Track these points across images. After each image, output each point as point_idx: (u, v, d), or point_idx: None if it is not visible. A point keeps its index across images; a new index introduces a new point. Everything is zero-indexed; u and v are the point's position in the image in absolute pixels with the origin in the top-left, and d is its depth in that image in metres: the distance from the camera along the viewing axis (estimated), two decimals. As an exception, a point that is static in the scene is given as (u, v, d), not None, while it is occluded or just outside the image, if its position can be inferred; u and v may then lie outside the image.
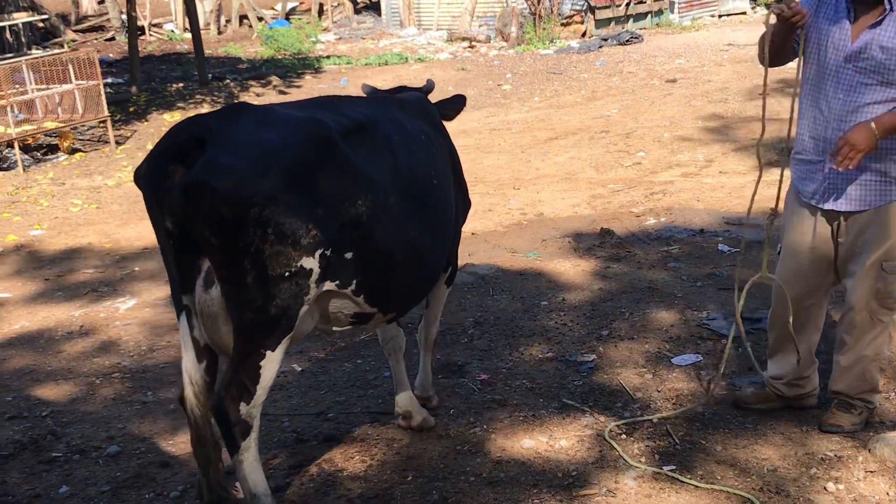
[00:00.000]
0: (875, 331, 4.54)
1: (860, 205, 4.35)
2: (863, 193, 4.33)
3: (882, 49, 4.14)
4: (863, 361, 4.59)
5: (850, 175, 4.30)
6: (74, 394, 5.72)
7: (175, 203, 3.45)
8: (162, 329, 6.74)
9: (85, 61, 13.73)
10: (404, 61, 20.11)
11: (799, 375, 4.83)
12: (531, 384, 5.42)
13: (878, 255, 4.37)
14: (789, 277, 4.64)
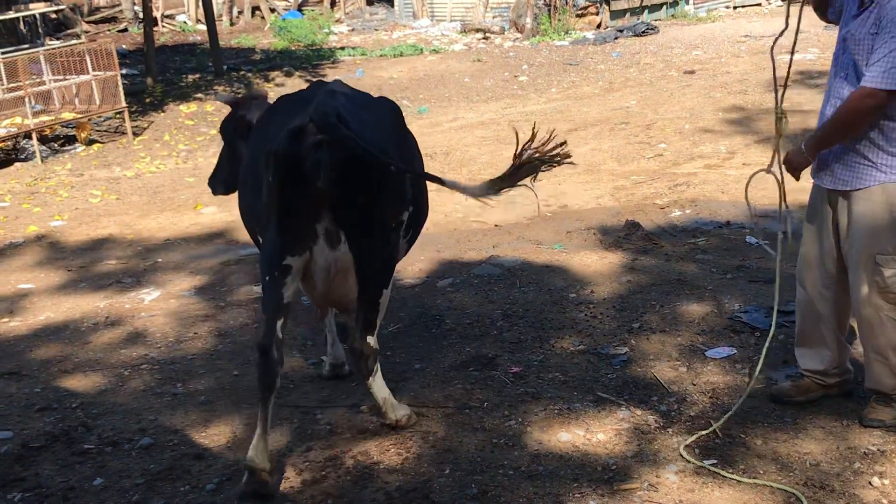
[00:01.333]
0: (885, 327, 4.45)
1: (842, 184, 4.35)
2: (845, 173, 4.34)
3: (854, 40, 4.19)
4: (882, 357, 4.52)
5: (837, 153, 4.34)
6: (103, 385, 5.69)
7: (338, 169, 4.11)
8: (188, 320, 6.70)
9: (102, 52, 13.70)
10: (419, 52, 20.04)
11: (834, 364, 4.77)
12: (564, 377, 5.37)
13: (867, 245, 4.34)
14: (806, 263, 4.66)
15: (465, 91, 15.77)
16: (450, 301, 6.71)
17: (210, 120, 14.94)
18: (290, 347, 6.09)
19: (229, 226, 9.13)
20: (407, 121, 13.47)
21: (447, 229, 8.57)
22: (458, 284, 7.03)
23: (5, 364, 6.10)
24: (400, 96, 15.62)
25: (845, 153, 4.32)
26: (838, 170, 4.36)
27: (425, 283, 7.12)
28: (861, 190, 4.31)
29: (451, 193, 9.61)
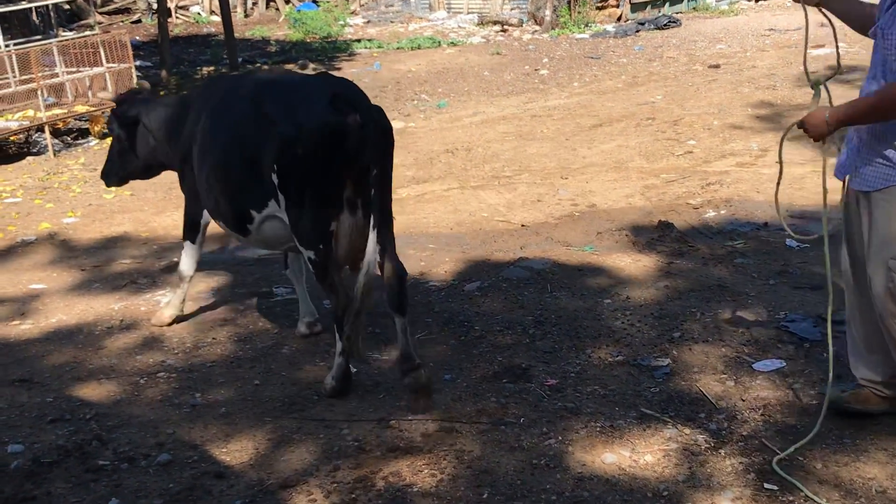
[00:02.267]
0: None
1: (865, 185, 4.15)
2: (868, 174, 4.14)
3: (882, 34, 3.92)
4: None
5: (862, 151, 4.16)
6: (119, 394, 5.42)
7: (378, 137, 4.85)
8: (206, 325, 6.44)
9: (116, 43, 13.45)
10: (437, 45, 19.74)
11: (891, 374, 4.48)
12: (604, 390, 5.09)
13: (881, 248, 4.11)
14: (852, 266, 4.42)
15: (485, 85, 15.46)
16: (478, 306, 6.43)
17: (225, 113, 14.68)
18: (313, 355, 5.83)
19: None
20: (427, 115, 13.24)
21: (472, 229, 8.29)
22: (486, 288, 6.75)
23: (16, 370, 5.84)
24: (418, 90, 15.33)
25: (870, 153, 4.12)
26: (863, 169, 4.16)
27: (452, 287, 6.84)
28: (880, 191, 4.11)
29: (474, 191, 9.37)
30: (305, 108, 4.92)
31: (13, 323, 6.69)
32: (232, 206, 5.44)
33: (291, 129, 4.87)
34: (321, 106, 4.85)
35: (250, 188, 5.21)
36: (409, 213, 8.88)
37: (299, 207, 4.98)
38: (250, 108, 5.19)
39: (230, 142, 5.30)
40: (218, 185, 5.44)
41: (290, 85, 5.27)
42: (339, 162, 4.82)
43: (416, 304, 6.54)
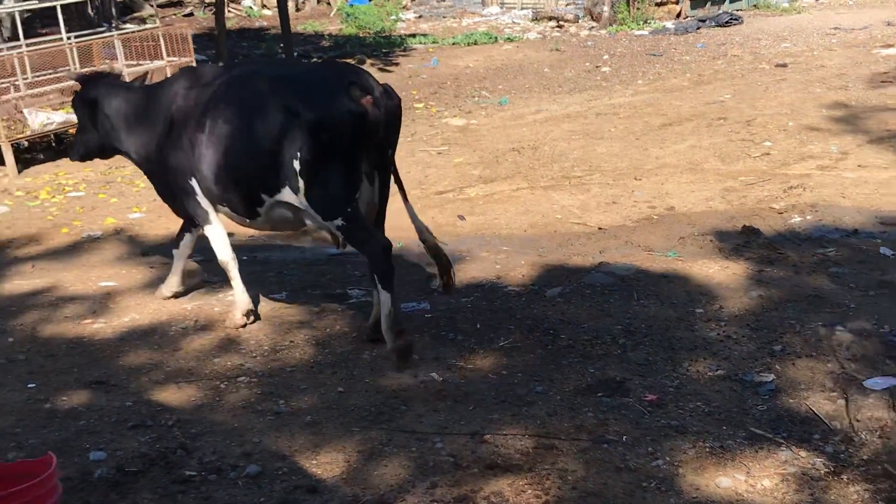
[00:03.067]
0: None
1: None
2: None
3: None
4: None
5: None
6: (199, 399, 5.27)
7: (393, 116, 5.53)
8: (282, 326, 6.27)
9: (177, 37, 13.36)
10: (493, 41, 19.48)
11: None
12: (707, 407, 4.85)
13: None
14: None
15: (546, 82, 15.20)
16: (562, 313, 6.21)
17: (284, 108, 14.55)
18: (396, 362, 5.64)
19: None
20: (489, 112, 13.01)
21: (546, 231, 8.06)
22: (568, 294, 6.52)
23: (93, 372, 5.71)
24: (478, 86, 15.11)
25: None
26: None
27: (532, 292, 6.62)
28: None
29: (544, 191, 9.13)
30: (326, 98, 5.36)
31: (86, 321, 6.57)
32: (244, 191, 5.70)
33: (316, 119, 5.31)
34: (340, 95, 5.32)
35: (266, 174, 5.52)
36: (478, 213, 8.66)
37: (324, 187, 5.42)
38: (266, 100, 5.47)
39: (245, 133, 5.53)
40: (228, 174, 5.68)
41: (305, 77, 5.71)
42: (360, 142, 5.37)
43: (496, 309, 6.35)
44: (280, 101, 5.42)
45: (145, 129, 6.24)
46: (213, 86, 5.84)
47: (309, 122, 5.30)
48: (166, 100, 6.08)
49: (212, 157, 5.73)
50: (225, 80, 5.86)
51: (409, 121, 13.11)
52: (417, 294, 6.72)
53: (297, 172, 5.38)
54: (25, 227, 9.11)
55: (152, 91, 6.35)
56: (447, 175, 10.06)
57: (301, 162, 5.35)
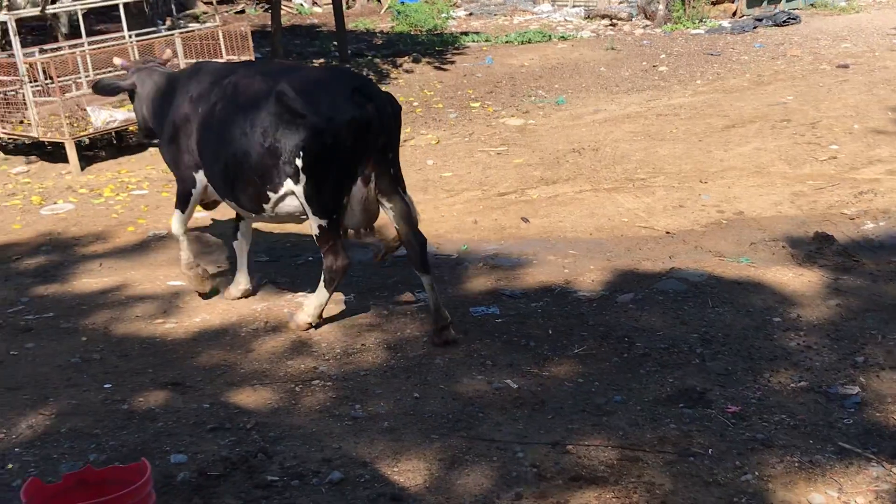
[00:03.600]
0: None
1: None
2: None
3: None
4: None
5: None
6: (275, 402, 5.27)
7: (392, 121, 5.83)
8: (353, 329, 6.26)
9: (237, 34, 13.41)
10: (547, 39, 19.35)
11: None
12: (793, 420, 4.75)
13: None
14: None
15: (603, 81, 15.06)
16: (635, 320, 6.14)
17: (341, 107, 14.55)
18: (469, 367, 5.61)
19: (377, 223, 8.65)
20: (546, 112, 12.89)
21: (613, 235, 7.97)
22: (641, 301, 6.44)
23: (167, 372, 5.74)
24: (534, 85, 15.01)
25: None
26: None
27: (603, 298, 6.55)
28: None
29: (608, 194, 9.04)
30: (331, 102, 5.65)
31: (157, 321, 6.61)
32: (251, 188, 6.01)
33: (321, 122, 5.60)
34: (345, 100, 5.63)
35: (270, 172, 5.84)
36: (542, 216, 8.59)
37: (320, 185, 5.75)
38: (272, 102, 5.75)
39: (250, 132, 5.85)
40: (236, 171, 6.00)
41: (312, 80, 5.90)
42: (360, 145, 5.68)
43: (567, 315, 6.29)
44: (283, 103, 5.71)
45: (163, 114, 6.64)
46: (222, 85, 6.17)
47: (314, 124, 5.62)
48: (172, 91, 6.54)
49: (216, 155, 6.11)
50: (233, 80, 6.15)
51: (466, 120, 13.08)
52: (486, 299, 6.68)
53: (299, 169, 5.73)
54: (91, 224, 9.19)
55: (170, 82, 6.70)
56: (508, 176, 10.00)
57: (303, 160, 5.69)
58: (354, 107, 5.61)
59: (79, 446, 4.85)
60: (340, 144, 5.63)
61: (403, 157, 11.25)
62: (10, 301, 7.16)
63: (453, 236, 8.19)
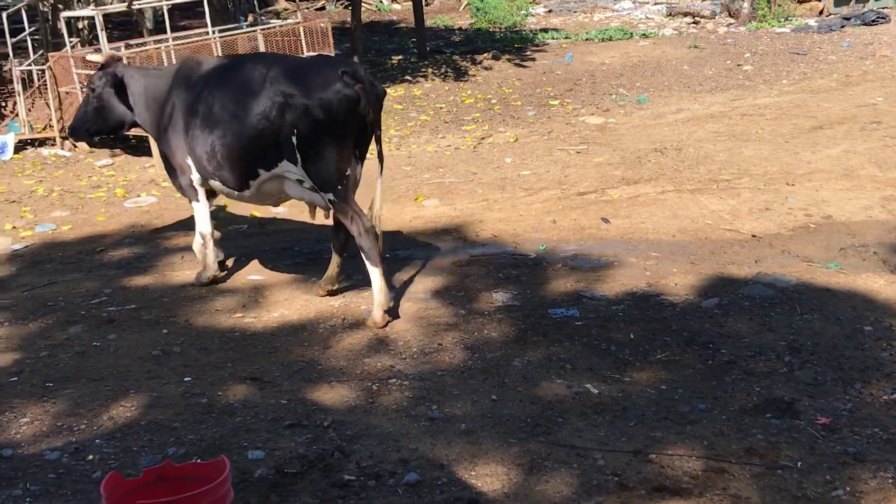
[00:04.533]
0: None
1: None
2: None
3: None
4: None
5: None
6: (352, 400, 5.25)
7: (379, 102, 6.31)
8: (430, 329, 6.21)
9: (317, 31, 13.49)
10: (628, 37, 19.10)
11: None
12: (885, 434, 4.57)
13: None
14: None
15: (686, 80, 14.79)
16: (720, 326, 5.97)
17: (419, 105, 14.55)
18: (548, 370, 5.52)
19: (454, 221, 8.62)
20: (627, 111, 12.68)
21: (696, 237, 7.78)
22: (726, 306, 6.27)
23: (246, 367, 5.76)
24: (615, 83, 14.82)
25: None
26: None
27: (687, 302, 6.39)
28: None
29: (692, 195, 8.85)
30: (322, 83, 6.11)
31: (237, 315, 6.65)
32: (239, 167, 6.44)
33: (313, 102, 6.08)
34: (334, 80, 6.10)
35: (264, 152, 6.30)
36: (623, 216, 8.44)
37: (320, 161, 6.19)
38: (265, 86, 6.21)
39: (244, 116, 6.26)
40: (225, 151, 6.42)
41: (303, 65, 6.38)
42: (351, 121, 6.17)
43: (649, 319, 6.15)
44: (276, 87, 6.19)
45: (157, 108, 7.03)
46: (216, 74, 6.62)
47: (308, 103, 6.09)
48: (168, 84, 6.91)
49: (204, 137, 6.51)
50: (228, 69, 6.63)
51: (545, 118, 12.95)
52: (565, 300, 6.57)
53: (295, 147, 6.17)
54: (173, 218, 9.32)
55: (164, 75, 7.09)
56: (588, 175, 9.86)
57: (298, 138, 6.14)
58: (343, 85, 6.10)
59: (158, 439, 4.89)
60: (333, 120, 6.10)
61: (481, 154, 11.25)
62: (94, 292, 7.28)
63: (531, 236, 8.08)
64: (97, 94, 7.15)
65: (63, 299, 7.16)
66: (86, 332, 6.47)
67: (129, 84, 7.10)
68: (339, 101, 6.10)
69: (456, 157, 11.27)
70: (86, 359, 6.02)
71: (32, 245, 8.71)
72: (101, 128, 7.34)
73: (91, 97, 7.21)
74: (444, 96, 14.89)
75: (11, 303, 7.16)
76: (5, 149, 11.76)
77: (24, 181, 11.21)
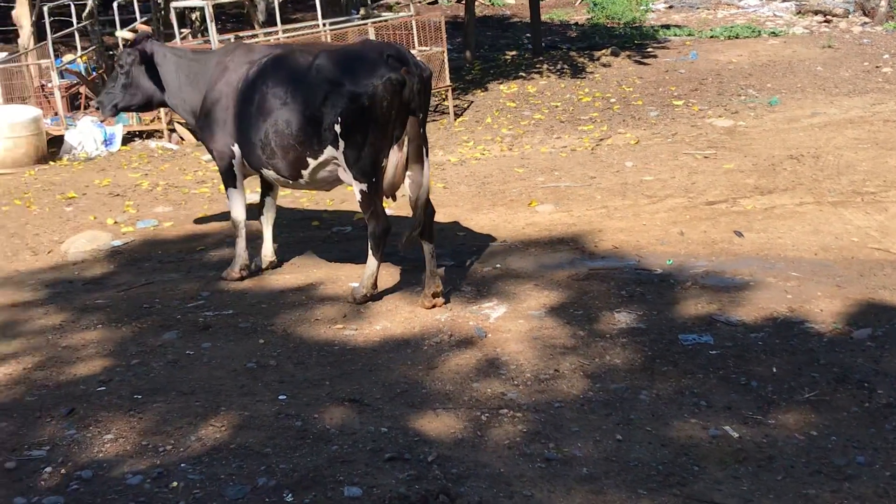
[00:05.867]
0: None
1: None
2: None
3: None
4: None
5: None
6: (459, 432, 4.73)
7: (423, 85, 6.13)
8: (545, 351, 5.65)
9: (430, 25, 13.05)
10: (756, 35, 18.13)
11: None
12: None
13: None
14: None
15: (820, 82, 13.85)
16: (875, 362, 5.27)
17: (533, 102, 13.98)
18: (680, 406, 4.90)
19: (571, 229, 8.03)
20: (758, 113, 11.85)
21: (841, 256, 7.03)
22: (881, 338, 5.55)
23: (345, 386, 5.30)
24: (744, 84, 13.97)
25: None
26: None
27: (836, 332, 5.68)
28: None
29: (833, 208, 8.06)
30: (368, 68, 6.05)
31: (337, 326, 6.21)
32: (290, 156, 6.42)
33: (358, 87, 6.03)
34: (380, 65, 6.04)
35: (311, 140, 6.28)
36: (758, 230, 7.72)
37: (359, 149, 6.15)
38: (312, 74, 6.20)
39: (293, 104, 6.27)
40: (277, 140, 6.40)
41: (348, 51, 6.39)
42: (396, 108, 6.07)
43: (793, 350, 5.48)
44: (321, 74, 6.16)
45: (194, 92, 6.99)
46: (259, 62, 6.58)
47: (354, 90, 6.03)
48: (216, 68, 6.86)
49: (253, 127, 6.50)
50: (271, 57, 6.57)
51: (668, 119, 12.23)
52: (697, 325, 5.93)
53: (338, 135, 6.15)
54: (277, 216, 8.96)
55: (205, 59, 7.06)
56: (717, 183, 9.14)
57: (342, 125, 6.11)
58: (389, 69, 6.02)
59: (248, 467, 4.46)
60: (377, 107, 6.03)
61: (600, 157, 10.62)
62: (192, 295, 6.95)
63: (656, 248, 7.44)
64: (125, 70, 7.11)
65: (159, 301, 6.85)
66: (180, 339, 6.12)
67: (159, 63, 7.06)
68: (385, 85, 6.02)
69: (572, 159, 10.67)
70: (177, 369, 5.66)
71: (132, 242, 8.47)
72: (128, 104, 7.29)
73: (119, 73, 7.16)
74: (559, 94, 14.28)
75: (107, 303, 6.88)
76: (113, 140, 11.65)
77: (130, 174, 11.06)
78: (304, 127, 6.29)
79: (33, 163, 11.54)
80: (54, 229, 8.90)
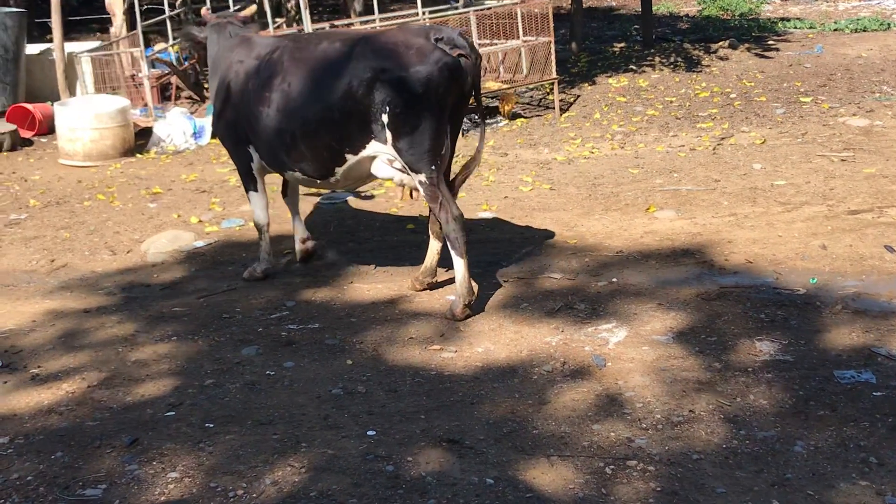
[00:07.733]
0: None
1: None
2: None
3: None
4: None
5: None
6: (579, 488, 3.96)
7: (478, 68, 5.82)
8: (677, 386, 4.85)
9: (536, 15, 12.25)
10: (885, 28, 16.82)
11: None
12: None
13: None
14: None
15: (964, 78, 12.63)
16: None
17: (645, 97, 13.05)
18: (845, 465, 4.05)
19: (695, 239, 7.17)
20: (883, 113, 10.72)
21: None
22: None
23: (443, 422, 4.58)
24: (877, 80, 12.81)
25: None
26: None
27: None
28: None
29: None
30: (417, 52, 5.58)
31: (433, 347, 5.50)
32: (324, 154, 5.94)
33: (409, 74, 5.55)
34: (430, 49, 5.58)
35: (351, 135, 5.79)
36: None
37: (414, 140, 5.65)
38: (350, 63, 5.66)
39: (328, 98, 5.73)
40: (308, 140, 5.91)
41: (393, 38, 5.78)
42: (451, 91, 5.65)
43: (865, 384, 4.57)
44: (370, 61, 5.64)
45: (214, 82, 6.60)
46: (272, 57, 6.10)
47: (403, 76, 5.55)
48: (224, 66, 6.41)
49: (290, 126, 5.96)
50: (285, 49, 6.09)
51: (795, 117, 11.21)
52: (854, 358, 5.04)
53: (384, 125, 5.66)
54: (368, 218, 8.39)
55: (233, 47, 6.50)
56: (858, 189, 8.14)
57: (390, 116, 5.61)
58: (441, 53, 5.60)
59: (329, 522, 3.78)
60: (432, 91, 5.59)
61: (723, 157, 9.69)
62: (275, 304, 6.34)
63: (796, 264, 6.53)
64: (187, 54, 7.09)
65: (240, 311, 6.25)
66: (259, 357, 5.49)
67: (208, 46, 6.75)
68: (440, 70, 5.58)
69: (692, 159, 9.75)
70: (255, 392, 5.03)
71: (216, 242, 7.90)
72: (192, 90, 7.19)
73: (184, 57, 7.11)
74: (674, 88, 13.32)
75: (184, 311, 6.30)
76: (203, 133, 11.16)
77: (218, 169, 10.53)
78: (343, 121, 5.77)
79: (119, 155, 11.13)
80: (136, 227, 8.40)
